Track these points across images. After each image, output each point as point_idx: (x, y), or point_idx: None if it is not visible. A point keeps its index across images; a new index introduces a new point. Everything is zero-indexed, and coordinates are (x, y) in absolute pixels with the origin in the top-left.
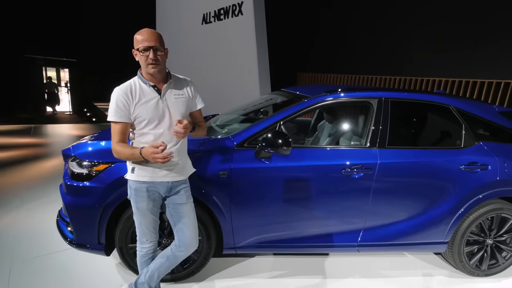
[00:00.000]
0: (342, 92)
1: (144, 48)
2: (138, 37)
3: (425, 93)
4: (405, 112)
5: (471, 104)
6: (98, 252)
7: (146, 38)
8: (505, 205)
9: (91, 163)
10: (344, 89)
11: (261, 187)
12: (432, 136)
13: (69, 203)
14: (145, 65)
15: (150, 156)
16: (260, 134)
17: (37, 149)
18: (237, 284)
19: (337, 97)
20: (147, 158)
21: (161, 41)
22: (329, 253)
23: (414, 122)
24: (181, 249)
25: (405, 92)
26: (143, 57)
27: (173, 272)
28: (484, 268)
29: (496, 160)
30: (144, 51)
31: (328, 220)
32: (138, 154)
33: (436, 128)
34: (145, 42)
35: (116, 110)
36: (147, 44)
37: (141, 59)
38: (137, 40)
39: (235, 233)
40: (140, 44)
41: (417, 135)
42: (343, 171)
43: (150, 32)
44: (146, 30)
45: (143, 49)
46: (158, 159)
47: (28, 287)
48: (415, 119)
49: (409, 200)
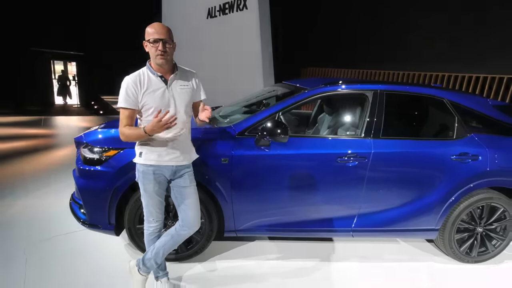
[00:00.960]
0: (338, 84)
1: (154, 40)
2: (150, 30)
3: (420, 86)
4: (400, 104)
5: (464, 97)
6: (109, 232)
7: (157, 31)
8: (495, 195)
9: (101, 149)
10: (341, 81)
11: (260, 173)
12: (425, 128)
13: (82, 186)
14: (154, 56)
15: (155, 127)
16: (260, 123)
17: (48, 139)
18: (237, 265)
19: (334, 89)
20: (152, 132)
21: (170, 35)
22: (325, 238)
23: (409, 114)
24: (184, 228)
25: (400, 85)
26: (153, 48)
27: (178, 252)
28: (474, 255)
29: (487, 151)
30: (154, 42)
31: (323, 206)
32: (143, 132)
33: (430, 120)
34: (155, 34)
35: (125, 98)
36: (157, 36)
37: (151, 50)
38: (148, 32)
39: (235, 217)
40: (151, 36)
41: (411, 127)
42: (338, 160)
43: (160, 25)
44: (157, 23)
45: (153, 41)
46: (163, 126)
47: (45, 264)
48: (410, 111)
49: (402, 188)
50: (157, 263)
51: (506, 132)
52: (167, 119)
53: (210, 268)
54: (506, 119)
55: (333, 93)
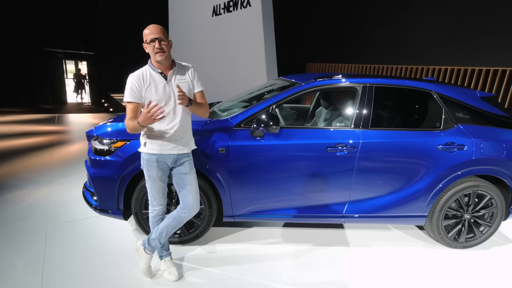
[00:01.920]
0: (329, 79)
1: (151, 40)
2: (146, 32)
3: (408, 80)
4: (389, 97)
5: (452, 89)
6: (118, 216)
7: (152, 31)
8: (481, 183)
9: (110, 140)
10: (331, 76)
11: (255, 162)
12: (413, 119)
13: (93, 175)
14: (153, 54)
15: (145, 117)
16: (255, 116)
17: (61, 135)
18: (236, 248)
19: (324, 84)
20: (144, 122)
21: (164, 33)
22: (319, 225)
23: (397, 106)
24: (185, 211)
25: (390, 79)
26: (151, 47)
27: (180, 236)
28: (461, 241)
29: (472, 141)
30: (151, 42)
31: (315, 193)
32: (137, 124)
33: (418, 111)
34: (151, 35)
35: (130, 93)
36: (153, 36)
37: (150, 49)
38: (145, 34)
39: (233, 203)
40: (148, 37)
41: (399, 118)
42: (328, 149)
43: (154, 26)
44: (151, 25)
45: (150, 40)
46: (151, 117)
47: (61, 246)
48: (399, 103)
49: (390, 177)
50: (161, 243)
51: (493, 122)
52: (155, 110)
53: (210, 250)
54: (493, 110)
55: (323, 87)
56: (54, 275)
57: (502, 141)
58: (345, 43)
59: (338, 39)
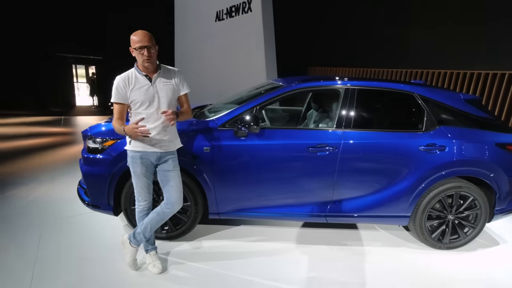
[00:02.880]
0: (311, 81)
1: (140, 47)
2: (135, 38)
3: (391, 82)
4: (372, 99)
5: (435, 91)
6: (108, 212)
7: (141, 39)
8: (464, 184)
9: (102, 139)
10: (315, 79)
11: (239, 161)
12: (396, 121)
13: (86, 172)
14: (141, 61)
15: (131, 131)
16: (239, 117)
17: (67, 136)
18: (221, 245)
19: (307, 86)
20: (129, 133)
21: (152, 41)
22: (304, 225)
23: (380, 108)
24: (168, 206)
25: (372, 81)
26: (140, 54)
27: (168, 232)
28: (445, 242)
29: (454, 142)
30: (140, 49)
31: (298, 193)
32: (123, 130)
33: (400, 113)
34: (140, 42)
35: (116, 94)
36: (142, 44)
37: (138, 55)
38: (133, 40)
39: (218, 201)
40: (137, 44)
41: (381, 120)
42: (310, 149)
43: (143, 33)
44: (140, 32)
45: (139, 48)
46: (138, 134)
47: (55, 238)
48: (381, 105)
49: (372, 177)
50: (146, 237)
51: (476, 124)
52: (141, 131)
53: (196, 246)
54: (476, 112)
55: (306, 89)
56: (45, 267)
57: (484, 142)
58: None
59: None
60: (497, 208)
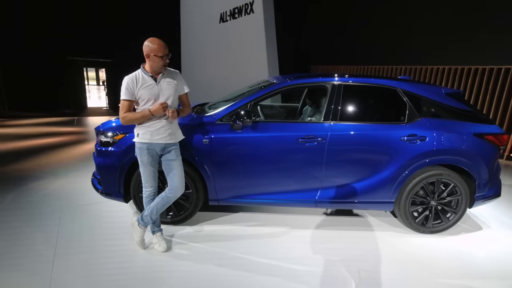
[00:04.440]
0: (301, 78)
1: (162, 55)
2: (155, 47)
3: (375, 78)
4: (357, 94)
5: (417, 86)
6: (119, 199)
7: (163, 48)
8: (444, 171)
9: (113, 133)
10: (304, 76)
11: (235, 152)
12: (379, 113)
13: (98, 163)
14: (159, 66)
15: (158, 108)
16: (235, 111)
17: (79, 135)
18: (221, 229)
19: (296, 83)
20: (155, 112)
21: (168, 49)
22: (298, 211)
23: (365, 102)
24: (171, 191)
25: (358, 77)
26: (160, 61)
27: (172, 217)
28: (429, 226)
29: (434, 133)
30: (162, 57)
31: (289, 181)
32: (148, 112)
33: (384, 106)
34: (161, 52)
35: (126, 92)
36: (163, 53)
37: (156, 61)
38: (155, 49)
39: (217, 189)
40: (160, 53)
41: (367, 113)
42: (299, 140)
43: (163, 44)
44: (160, 42)
45: (161, 56)
46: (163, 108)
47: (73, 224)
48: (366, 99)
49: (357, 166)
50: (152, 219)
51: (456, 116)
52: (165, 106)
53: (198, 230)
54: (456, 105)
55: (295, 86)
56: (65, 246)
57: (463, 133)
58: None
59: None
60: (478, 195)
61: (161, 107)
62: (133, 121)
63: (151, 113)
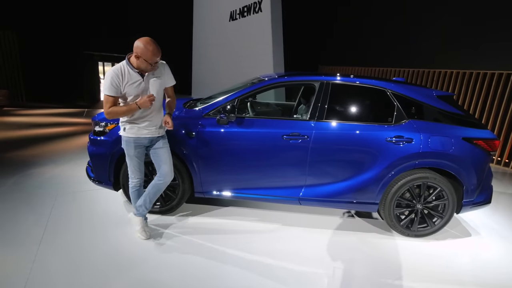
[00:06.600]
0: (289, 76)
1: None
2: (149, 54)
3: (364, 78)
4: (345, 93)
5: (407, 88)
6: (109, 187)
7: (156, 56)
8: (431, 175)
9: (105, 123)
10: (293, 74)
11: (219, 146)
12: (367, 114)
13: (91, 152)
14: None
15: (145, 101)
16: (221, 106)
17: (86, 126)
18: (206, 221)
19: (283, 81)
20: (142, 105)
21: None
22: (287, 209)
23: (353, 102)
24: (160, 179)
25: (347, 77)
26: (148, 65)
27: (160, 207)
28: (414, 230)
29: (421, 135)
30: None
31: (273, 177)
32: (135, 105)
33: (372, 107)
34: (155, 58)
35: (110, 87)
36: (155, 61)
37: (146, 65)
38: (148, 56)
39: (202, 181)
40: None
41: (354, 112)
42: (284, 137)
43: (158, 49)
44: (156, 48)
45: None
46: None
47: (66, 208)
48: (354, 99)
49: (341, 165)
50: (147, 208)
51: (446, 119)
52: (152, 98)
53: (183, 220)
54: (447, 108)
55: (283, 83)
56: (56, 223)
57: (451, 136)
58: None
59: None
60: (466, 200)
61: (148, 100)
62: (119, 115)
63: (138, 107)
